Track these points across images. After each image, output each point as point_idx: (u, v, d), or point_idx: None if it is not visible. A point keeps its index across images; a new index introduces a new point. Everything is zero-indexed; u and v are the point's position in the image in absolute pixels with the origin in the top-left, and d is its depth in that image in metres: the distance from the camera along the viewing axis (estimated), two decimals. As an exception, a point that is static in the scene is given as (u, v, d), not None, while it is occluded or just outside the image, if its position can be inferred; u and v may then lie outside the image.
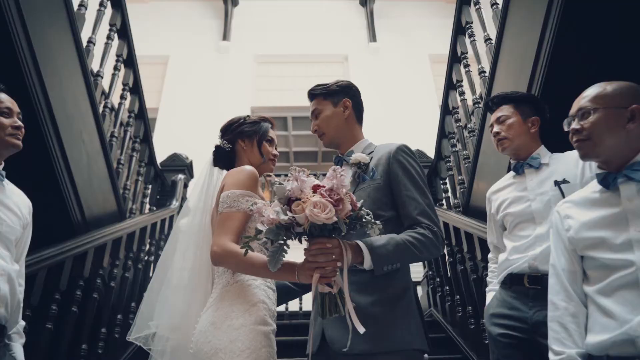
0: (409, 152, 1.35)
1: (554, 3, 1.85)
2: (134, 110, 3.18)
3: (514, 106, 1.58)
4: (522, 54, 2.16)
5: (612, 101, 1.10)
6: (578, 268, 1.12)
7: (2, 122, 1.27)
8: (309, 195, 0.98)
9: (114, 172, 2.74)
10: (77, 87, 2.37)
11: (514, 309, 1.40)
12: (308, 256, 1.02)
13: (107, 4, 2.75)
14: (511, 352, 1.35)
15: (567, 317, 1.09)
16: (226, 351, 1.06)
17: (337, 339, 1.13)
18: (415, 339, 1.16)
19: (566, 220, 1.15)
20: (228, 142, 1.46)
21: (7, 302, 1.20)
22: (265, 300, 1.18)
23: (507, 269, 1.46)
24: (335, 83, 1.51)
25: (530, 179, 1.51)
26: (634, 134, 1.09)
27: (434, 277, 3.26)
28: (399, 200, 1.26)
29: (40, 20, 2.00)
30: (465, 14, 2.96)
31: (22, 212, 1.36)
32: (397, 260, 1.15)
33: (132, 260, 2.70)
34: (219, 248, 1.13)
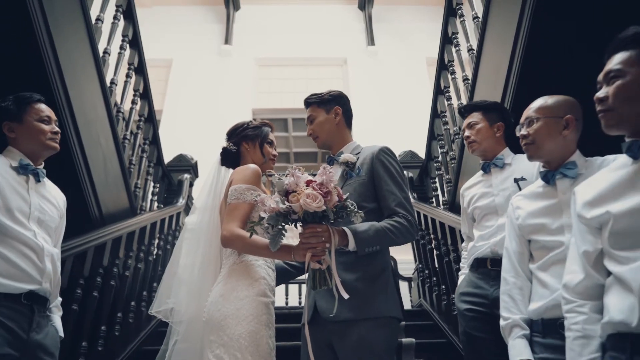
0: (389, 153, 1.59)
1: (523, 21, 2.08)
2: (144, 114, 3.42)
3: (482, 113, 1.82)
4: (498, 65, 2.39)
5: (551, 112, 1.34)
6: (525, 250, 1.35)
7: (43, 128, 1.51)
8: (303, 189, 1.21)
9: (127, 171, 2.98)
10: (95, 95, 2.61)
11: (478, 288, 1.63)
12: (302, 239, 1.26)
13: (120, 16, 2.99)
14: (475, 324, 1.58)
15: (515, 290, 1.32)
16: (233, 317, 1.30)
17: (326, 309, 1.37)
18: (391, 308, 1.40)
19: (517, 210, 1.39)
20: (234, 144, 1.70)
21: (51, 279, 1.44)
22: (266, 277, 1.42)
23: (473, 254, 1.70)
24: (328, 93, 1.74)
25: (495, 177, 1.74)
26: (569, 139, 1.32)
27: (423, 270, 3.49)
28: (380, 194, 1.50)
29: (65, 37, 2.23)
30: (451, 25, 3.19)
31: (59, 205, 1.60)
32: (377, 243, 1.39)
33: (143, 252, 2.93)
34: (228, 232, 1.37)
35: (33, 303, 1.38)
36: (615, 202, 0.96)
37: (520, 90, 2.21)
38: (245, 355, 1.25)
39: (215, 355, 1.26)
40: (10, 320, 1.30)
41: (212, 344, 1.29)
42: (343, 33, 9.18)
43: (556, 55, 2.10)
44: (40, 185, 1.52)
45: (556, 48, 2.08)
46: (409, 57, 8.68)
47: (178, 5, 9.35)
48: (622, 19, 1.96)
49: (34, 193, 1.48)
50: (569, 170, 1.29)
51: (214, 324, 1.32)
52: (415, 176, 3.92)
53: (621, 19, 1.96)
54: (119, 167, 2.88)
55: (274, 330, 1.38)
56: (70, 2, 2.31)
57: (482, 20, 2.55)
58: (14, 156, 1.48)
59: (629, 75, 0.97)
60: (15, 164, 1.46)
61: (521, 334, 1.26)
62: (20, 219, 1.38)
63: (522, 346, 1.24)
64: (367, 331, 1.34)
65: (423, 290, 3.48)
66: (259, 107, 8.71)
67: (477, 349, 1.57)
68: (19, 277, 1.33)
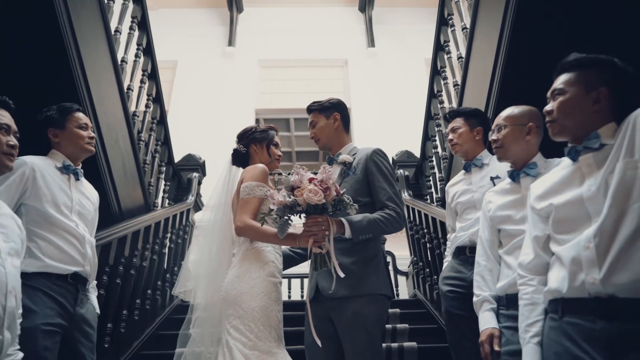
0: (381, 154, 1.83)
1: (504, 35, 2.31)
2: (156, 117, 3.66)
3: (464, 119, 2.05)
4: (483, 72, 2.61)
5: (516, 120, 1.57)
6: (495, 238, 1.59)
7: (82, 134, 1.75)
8: (306, 185, 1.45)
9: (142, 170, 3.23)
10: (114, 100, 2.85)
11: (458, 272, 1.87)
12: (305, 227, 1.50)
13: (135, 27, 3.23)
14: (454, 303, 1.82)
15: (485, 272, 1.56)
16: (248, 294, 1.54)
17: (326, 287, 1.60)
18: (382, 287, 1.64)
19: (489, 204, 1.62)
20: (244, 146, 1.94)
21: (91, 263, 1.68)
22: (275, 260, 1.66)
23: (455, 243, 1.94)
24: (328, 101, 1.98)
25: (475, 176, 1.98)
26: (531, 143, 1.56)
27: (417, 263, 3.72)
28: (372, 189, 1.73)
29: (89, 49, 2.47)
30: (443, 33, 3.42)
31: (94, 200, 1.84)
32: (369, 231, 1.63)
33: (158, 245, 3.17)
34: (241, 223, 1.61)
35: (77, 282, 1.62)
36: (557, 196, 1.19)
37: (502, 94, 2.45)
38: (258, 326, 1.50)
39: (232, 326, 1.50)
40: (61, 296, 1.53)
41: (230, 316, 1.53)
42: (344, 35, 9.37)
43: (533, 64, 2.33)
44: (79, 183, 1.76)
45: (533, 58, 2.31)
46: (407, 58, 8.84)
47: (183, 8, 9.53)
48: (584, 38, 2.21)
49: (75, 190, 1.71)
50: (531, 169, 1.53)
51: (230, 300, 1.56)
52: (411, 175, 4.15)
53: (583, 38, 2.21)
54: (135, 166, 3.12)
55: (282, 305, 1.63)
56: (93, 17, 2.55)
57: (470, 31, 2.78)
58: (57, 158, 1.72)
59: (569, 93, 1.20)
60: (59, 165, 1.70)
61: (489, 308, 1.50)
62: (65, 212, 1.62)
63: (490, 317, 1.48)
64: (361, 306, 1.58)
65: (417, 281, 3.72)
66: (262, 108, 8.91)
67: (456, 325, 1.81)
68: (66, 261, 1.57)
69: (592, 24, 2.16)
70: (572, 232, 1.12)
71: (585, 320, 1.02)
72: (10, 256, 1.17)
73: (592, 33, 2.17)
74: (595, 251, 1.03)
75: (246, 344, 1.46)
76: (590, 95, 1.17)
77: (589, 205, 1.10)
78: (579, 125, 1.18)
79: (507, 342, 1.38)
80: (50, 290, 1.50)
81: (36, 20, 2.14)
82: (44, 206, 1.56)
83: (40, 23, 2.15)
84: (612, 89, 1.16)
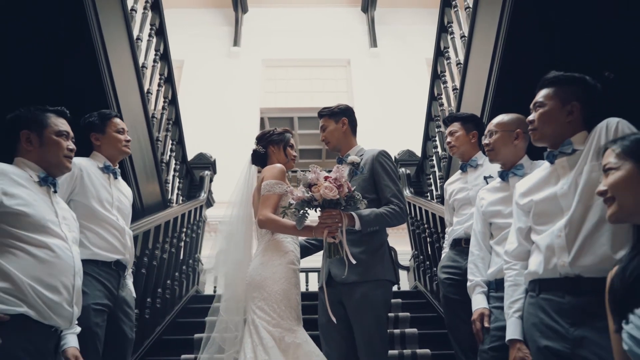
0: (386, 155, 2.04)
1: (497, 47, 2.52)
2: (172, 118, 3.88)
3: (461, 123, 2.26)
4: (480, 78, 2.82)
5: (506, 126, 1.78)
6: (487, 230, 1.80)
7: (120, 137, 1.97)
8: (322, 182, 1.66)
9: (160, 168, 3.44)
10: (136, 103, 3.06)
11: (454, 262, 2.08)
12: (320, 220, 1.71)
13: (153, 34, 3.44)
14: (451, 289, 2.03)
15: (478, 260, 1.77)
16: (271, 279, 1.76)
17: (338, 274, 1.82)
18: (387, 273, 1.86)
19: (481, 200, 1.83)
20: (262, 147, 2.15)
21: (130, 252, 1.90)
22: (294, 250, 1.88)
23: (452, 235, 2.16)
24: (337, 106, 2.20)
25: (470, 175, 2.19)
26: (519, 147, 1.77)
27: (418, 256, 3.94)
28: (378, 187, 1.95)
29: (116, 56, 2.68)
30: (443, 40, 3.62)
31: (129, 197, 2.05)
32: (376, 224, 1.84)
33: (175, 239, 3.40)
34: (263, 217, 1.83)
35: (119, 269, 1.84)
36: (536, 193, 1.41)
37: (496, 99, 2.65)
38: (280, 306, 1.71)
39: (258, 307, 1.72)
40: (107, 280, 1.75)
41: (255, 298, 1.75)
42: (346, 35, 9.51)
43: (524, 72, 2.53)
44: (117, 181, 1.98)
45: (524, 67, 2.51)
46: (409, 58, 8.98)
47: (189, 8, 9.65)
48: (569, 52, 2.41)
49: (114, 187, 1.93)
50: (518, 170, 1.74)
51: (255, 284, 1.78)
52: (413, 173, 4.37)
53: (569, 52, 2.41)
54: (154, 165, 3.34)
55: (300, 289, 1.84)
56: (119, 29, 2.75)
57: (468, 39, 2.99)
58: (99, 159, 1.93)
59: (548, 105, 1.41)
60: (101, 165, 1.91)
61: (481, 291, 1.72)
62: (107, 207, 1.84)
63: (481, 299, 1.69)
64: (369, 290, 1.80)
65: (418, 273, 3.94)
66: (266, 107, 9.09)
67: (453, 309, 2.02)
68: (110, 250, 1.79)
69: (577, 37, 2.36)
70: (548, 224, 1.34)
71: (556, 296, 1.24)
72: (74, 243, 1.39)
73: (578, 46, 2.37)
74: (565, 239, 1.25)
75: (270, 322, 1.68)
76: (565, 108, 1.38)
77: (562, 200, 1.31)
78: (556, 133, 1.39)
79: (496, 320, 1.60)
80: (98, 275, 1.72)
81: (71, 30, 2.34)
82: (90, 202, 1.77)
83: (74, 32, 2.35)
84: (583, 103, 1.37)
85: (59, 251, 1.30)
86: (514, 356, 1.36)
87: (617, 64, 2.51)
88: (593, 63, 2.50)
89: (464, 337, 1.92)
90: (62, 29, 2.32)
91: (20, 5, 2.21)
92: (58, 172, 1.46)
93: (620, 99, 2.59)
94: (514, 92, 2.56)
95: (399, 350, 2.67)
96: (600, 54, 2.48)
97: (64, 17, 2.30)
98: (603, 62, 2.52)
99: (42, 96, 2.02)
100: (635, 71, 2.51)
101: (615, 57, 2.51)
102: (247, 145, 9.34)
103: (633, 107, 2.64)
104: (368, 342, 1.78)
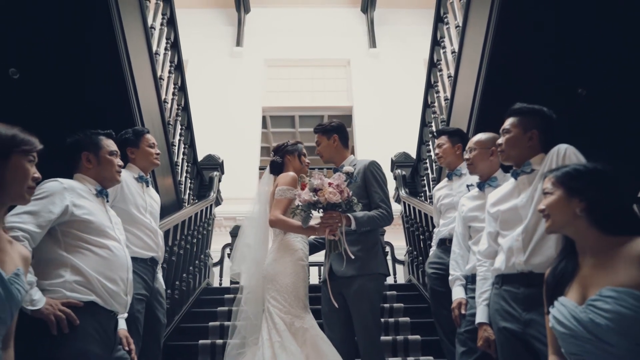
0: (376, 165, 2.35)
1: (482, 65, 2.82)
2: (184, 124, 4.18)
3: (447, 137, 2.57)
4: (467, 92, 3.13)
5: (483, 144, 2.09)
6: (466, 232, 2.11)
7: (151, 151, 2.27)
8: (327, 188, 1.97)
9: (175, 171, 3.75)
10: (154, 110, 3.36)
11: (440, 258, 2.40)
12: (323, 220, 2.03)
13: (169, 47, 3.73)
14: (437, 282, 2.35)
15: (459, 257, 2.09)
16: (282, 273, 2.08)
17: (338, 268, 2.14)
18: (380, 267, 2.18)
19: (462, 207, 2.15)
20: (280, 157, 2.45)
21: (162, 250, 2.21)
22: (302, 248, 2.21)
23: (438, 236, 2.48)
24: (329, 124, 2.50)
25: (455, 183, 2.50)
26: (494, 162, 2.08)
27: (412, 252, 4.26)
28: (369, 193, 2.26)
29: (139, 66, 2.97)
30: (436, 53, 3.93)
31: (158, 202, 2.36)
32: (368, 225, 2.16)
33: (190, 236, 3.72)
34: (274, 217, 2.15)
35: (153, 265, 2.15)
36: (503, 204, 1.72)
37: (480, 115, 2.96)
38: (290, 297, 2.04)
39: (272, 297, 2.05)
40: (144, 274, 2.06)
41: (269, 290, 2.07)
42: (346, 35, 9.72)
43: (504, 91, 2.84)
44: (148, 189, 2.29)
45: (505, 86, 2.82)
46: (408, 59, 9.17)
47: (192, 8, 9.82)
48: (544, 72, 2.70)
49: (146, 194, 2.24)
50: (493, 182, 2.05)
51: (269, 277, 2.10)
52: (408, 174, 4.68)
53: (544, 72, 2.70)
54: (169, 168, 3.65)
55: (307, 282, 2.17)
56: (140, 48, 3.05)
57: (457, 55, 3.29)
58: (134, 170, 2.24)
59: (513, 132, 1.72)
60: (136, 175, 2.22)
61: (460, 284, 2.04)
62: (142, 212, 2.14)
63: (460, 291, 2.02)
64: (365, 282, 2.12)
65: (412, 268, 4.26)
66: (268, 106, 9.34)
67: (438, 299, 2.35)
68: (146, 248, 2.10)
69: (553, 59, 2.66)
70: (510, 229, 1.65)
71: (514, 287, 1.56)
72: (124, 244, 1.70)
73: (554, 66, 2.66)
74: (522, 243, 1.56)
75: (282, 309, 2.01)
76: (526, 134, 1.69)
77: (522, 211, 1.62)
78: (519, 155, 1.70)
79: (471, 308, 1.92)
80: (138, 270, 2.02)
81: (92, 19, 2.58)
82: (129, 208, 2.08)
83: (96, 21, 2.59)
84: (541, 130, 1.68)
85: (115, 251, 1.61)
86: (481, 336, 1.69)
87: (589, 82, 2.82)
88: (568, 81, 2.82)
89: (446, 323, 2.24)
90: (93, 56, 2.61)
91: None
92: (110, 185, 1.77)
93: (591, 114, 2.92)
94: (495, 106, 2.88)
95: (392, 336, 3.00)
96: (574, 72, 2.79)
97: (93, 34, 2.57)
98: (577, 80, 2.84)
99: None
100: (605, 88, 2.83)
101: (588, 76, 2.81)
102: (250, 143, 9.69)
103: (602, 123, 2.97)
104: (364, 327, 2.10)
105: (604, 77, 2.80)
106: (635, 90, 2.79)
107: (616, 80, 2.77)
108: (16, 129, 1.18)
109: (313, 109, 9.55)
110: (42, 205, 1.47)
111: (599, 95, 2.82)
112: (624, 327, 1.01)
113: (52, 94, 2.74)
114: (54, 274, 1.48)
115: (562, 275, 1.22)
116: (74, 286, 1.47)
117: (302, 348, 1.88)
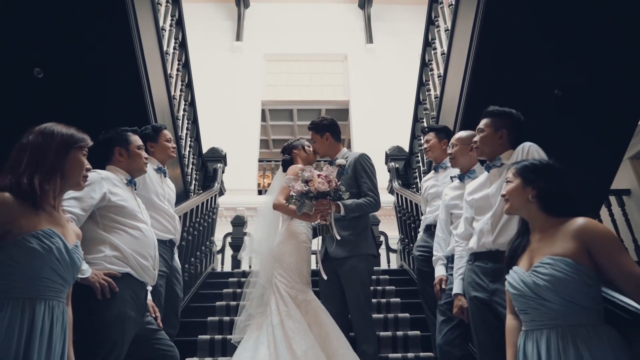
0: (366, 157, 2.62)
1: (467, 70, 3.08)
2: (191, 119, 4.44)
3: (435, 133, 2.85)
4: (455, 90, 3.39)
5: (463, 141, 2.37)
6: (449, 218, 2.40)
7: (169, 146, 2.54)
8: (316, 179, 2.25)
9: (183, 163, 4.02)
10: (165, 106, 3.62)
11: (426, 242, 2.69)
12: (315, 207, 2.31)
13: (177, 47, 3.98)
14: (423, 263, 2.65)
15: (441, 240, 2.38)
16: (288, 254, 2.38)
17: (332, 250, 2.43)
18: (369, 249, 2.46)
19: (445, 196, 2.43)
20: (288, 154, 2.73)
21: (178, 233, 2.49)
22: (306, 232, 2.50)
23: (425, 222, 2.76)
24: (321, 122, 2.76)
25: (440, 175, 2.78)
26: (472, 157, 2.34)
27: (404, 239, 4.56)
28: (358, 183, 2.54)
29: (152, 66, 3.22)
30: (428, 53, 4.19)
31: (174, 191, 2.63)
32: (357, 211, 2.43)
33: (197, 223, 3.99)
34: (277, 201, 2.44)
35: (171, 246, 2.43)
36: (477, 193, 2.00)
37: (466, 112, 3.23)
38: (294, 274, 2.33)
39: (279, 274, 2.34)
40: (164, 254, 2.33)
41: (277, 268, 2.37)
42: (344, 31, 9.94)
43: (487, 92, 3.11)
44: (166, 179, 2.56)
45: (488, 89, 3.09)
46: (403, 54, 9.40)
47: (193, 3, 9.98)
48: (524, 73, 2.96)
49: (164, 184, 2.51)
50: (472, 174, 2.33)
51: (277, 257, 2.40)
52: (401, 167, 4.96)
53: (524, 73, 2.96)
54: (178, 160, 3.91)
55: (310, 262, 2.46)
56: (153, 48, 3.30)
57: (446, 57, 3.55)
58: (154, 162, 2.50)
59: (486, 131, 1.99)
60: (155, 167, 2.49)
61: (442, 263, 2.33)
62: (162, 199, 2.41)
63: (441, 269, 2.31)
64: (356, 262, 2.41)
65: (403, 254, 4.56)
66: (267, 99, 9.58)
67: (424, 278, 2.64)
68: (166, 231, 2.37)
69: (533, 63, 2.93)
70: (482, 215, 1.94)
71: (484, 263, 1.84)
72: (150, 226, 1.98)
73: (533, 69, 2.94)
74: (490, 226, 1.85)
75: (287, 284, 2.30)
76: (497, 134, 1.97)
77: (492, 199, 1.90)
78: (491, 151, 1.98)
79: (450, 283, 2.21)
80: (159, 251, 2.29)
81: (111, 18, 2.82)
82: (150, 195, 2.35)
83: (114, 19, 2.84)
84: (510, 130, 1.96)
85: (145, 232, 1.88)
86: (456, 304, 1.98)
87: (564, 84, 3.10)
88: (545, 83, 3.09)
89: (430, 299, 2.54)
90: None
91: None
92: (138, 175, 2.04)
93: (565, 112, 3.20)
94: (478, 104, 3.16)
95: (384, 314, 3.29)
96: (551, 75, 3.06)
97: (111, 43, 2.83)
98: (553, 82, 3.11)
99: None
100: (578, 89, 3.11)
101: (563, 78, 3.09)
102: (250, 136, 9.88)
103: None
104: (356, 301, 2.39)
105: (578, 79, 3.08)
106: (604, 91, 3.08)
107: (586, 83, 3.05)
108: (73, 129, 1.45)
109: (311, 102, 9.80)
110: (84, 193, 1.74)
111: (571, 96, 3.10)
112: (558, 286, 1.30)
113: (75, 93, 2.99)
114: (96, 249, 1.75)
115: (516, 249, 1.51)
116: (112, 260, 1.74)
117: (305, 317, 2.18)
